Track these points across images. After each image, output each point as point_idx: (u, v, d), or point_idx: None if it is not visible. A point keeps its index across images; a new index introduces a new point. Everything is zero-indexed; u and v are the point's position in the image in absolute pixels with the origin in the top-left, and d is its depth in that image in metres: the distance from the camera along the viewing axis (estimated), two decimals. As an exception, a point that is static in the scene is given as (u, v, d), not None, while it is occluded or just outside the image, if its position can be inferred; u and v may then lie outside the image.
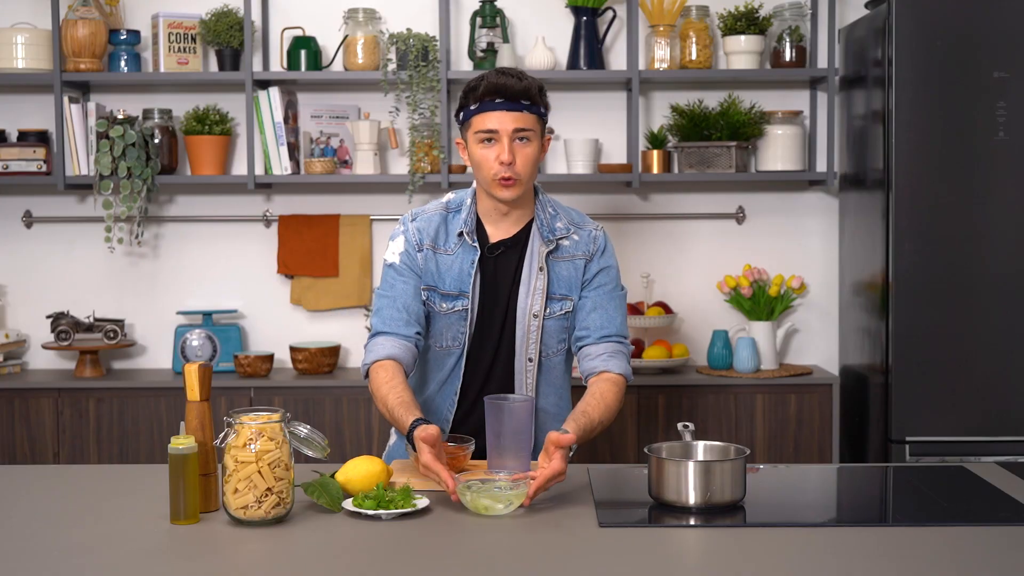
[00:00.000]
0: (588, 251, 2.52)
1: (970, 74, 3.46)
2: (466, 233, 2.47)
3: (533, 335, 2.49)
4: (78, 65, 3.86)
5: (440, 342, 2.53)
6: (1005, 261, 3.48)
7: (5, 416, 3.80)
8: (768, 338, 3.94)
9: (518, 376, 2.52)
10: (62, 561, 1.87)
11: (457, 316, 2.49)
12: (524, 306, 2.48)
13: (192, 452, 2.07)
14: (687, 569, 1.88)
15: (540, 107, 2.44)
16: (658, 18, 3.90)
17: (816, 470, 2.80)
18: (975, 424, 3.50)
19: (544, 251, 2.48)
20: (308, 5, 4.05)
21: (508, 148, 2.39)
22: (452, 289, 2.48)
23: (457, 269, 2.48)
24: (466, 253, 2.48)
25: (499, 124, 2.39)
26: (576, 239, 2.52)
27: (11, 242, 4.13)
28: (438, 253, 2.49)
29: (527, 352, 2.50)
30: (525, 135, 2.41)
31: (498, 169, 2.39)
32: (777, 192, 4.12)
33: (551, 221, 2.51)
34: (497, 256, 2.49)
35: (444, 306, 2.49)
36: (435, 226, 2.50)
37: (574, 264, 2.51)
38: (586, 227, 2.55)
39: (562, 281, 2.50)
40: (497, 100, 2.39)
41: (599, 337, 2.49)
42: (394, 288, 2.49)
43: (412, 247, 2.49)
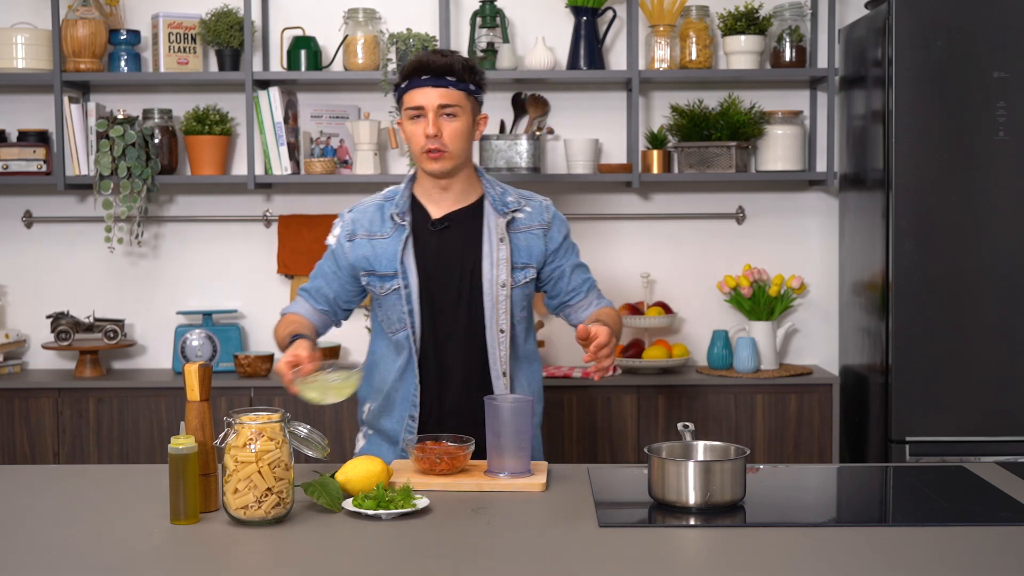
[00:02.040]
0: (543, 220, 2.63)
1: (970, 74, 3.46)
2: (395, 215, 2.58)
3: (503, 305, 2.56)
4: (78, 65, 3.86)
5: (391, 326, 2.61)
6: (1005, 261, 3.48)
7: (5, 416, 3.80)
8: (768, 338, 3.94)
9: (491, 349, 2.57)
10: (62, 561, 1.87)
11: (395, 296, 2.57)
12: (491, 277, 2.55)
13: (192, 452, 2.07)
14: (687, 569, 1.88)
15: (468, 84, 2.54)
16: (658, 18, 3.90)
17: (816, 470, 2.80)
18: (975, 424, 3.50)
19: (503, 223, 2.56)
20: (308, 5, 4.06)
21: (433, 121, 2.50)
22: (388, 270, 2.57)
23: (391, 250, 2.56)
24: (398, 234, 2.57)
25: (425, 100, 2.50)
26: (529, 211, 2.62)
27: (11, 242, 4.13)
28: (373, 239, 2.59)
29: (498, 323, 2.56)
30: (451, 110, 2.51)
31: (425, 142, 2.51)
32: (777, 192, 4.12)
33: (502, 196, 2.61)
34: (443, 232, 2.57)
35: (383, 287, 2.58)
36: (369, 216, 2.62)
37: (532, 234, 2.61)
38: (534, 199, 2.66)
39: (522, 251, 2.59)
40: (423, 77, 2.51)
41: (587, 291, 2.68)
42: (321, 269, 2.67)
43: (344, 236, 2.62)
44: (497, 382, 2.59)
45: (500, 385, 2.58)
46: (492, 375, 2.59)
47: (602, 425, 3.78)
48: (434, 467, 2.30)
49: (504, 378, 2.59)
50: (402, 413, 2.61)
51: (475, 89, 2.56)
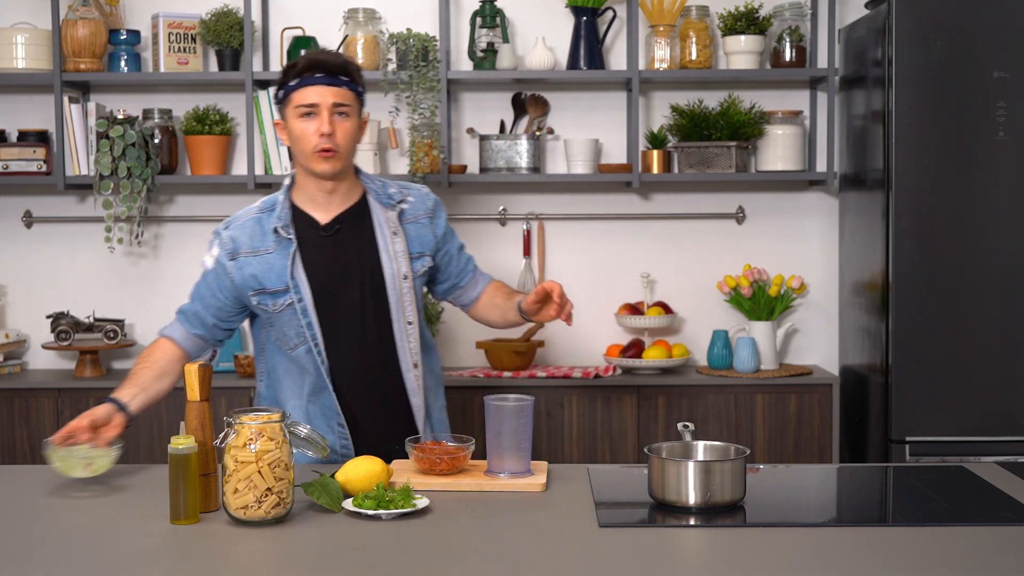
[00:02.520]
0: (428, 208, 2.63)
1: (970, 74, 3.46)
2: (280, 228, 2.51)
3: (407, 297, 2.56)
4: (78, 65, 3.86)
5: (288, 343, 2.55)
6: (1005, 261, 3.48)
7: (5, 416, 3.80)
8: (768, 338, 3.94)
9: (400, 343, 2.55)
10: (62, 561, 1.87)
11: (290, 311, 2.51)
12: (391, 271, 2.54)
13: (192, 452, 2.07)
14: (687, 569, 1.88)
15: (358, 85, 2.54)
16: (658, 18, 3.90)
17: (816, 470, 2.80)
18: (975, 424, 3.50)
19: (393, 215, 2.57)
20: (308, 5, 4.05)
21: (328, 120, 2.46)
22: (278, 286, 2.50)
23: (279, 265, 2.50)
24: (284, 248, 2.51)
25: (319, 98, 2.47)
26: (413, 200, 2.62)
27: (11, 242, 4.13)
28: (258, 255, 2.51)
29: (404, 316, 2.55)
30: (344, 110, 2.50)
31: (318, 141, 2.46)
32: (777, 192, 4.12)
33: (384, 189, 2.60)
34: (335, 235, 2.53)
35: (276, 304, 2.51)
36: (249, 231, 2.53)
37: (420, 223, 2.61)
38: (413, 188, 2.66)
39: (415, 241, 2.59)
40: (317, 75, 2.47)
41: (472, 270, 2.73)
42: (198, 292, 2.59)
43: (224, 256, 2.53)
44: (408, 375, 2.57)
45: (411, 377, 2.57)
46: (403, 368, 2.56)
47: (602, 425, 3.78)
48: (434, 467, 2.30)
49: (416, 369, 2.57)
50: (329, 423, 2.56)
51: (362, 91, 2.57)
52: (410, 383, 2.57)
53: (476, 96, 4.09)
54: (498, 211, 4.11)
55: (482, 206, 4.12)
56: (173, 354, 2.57)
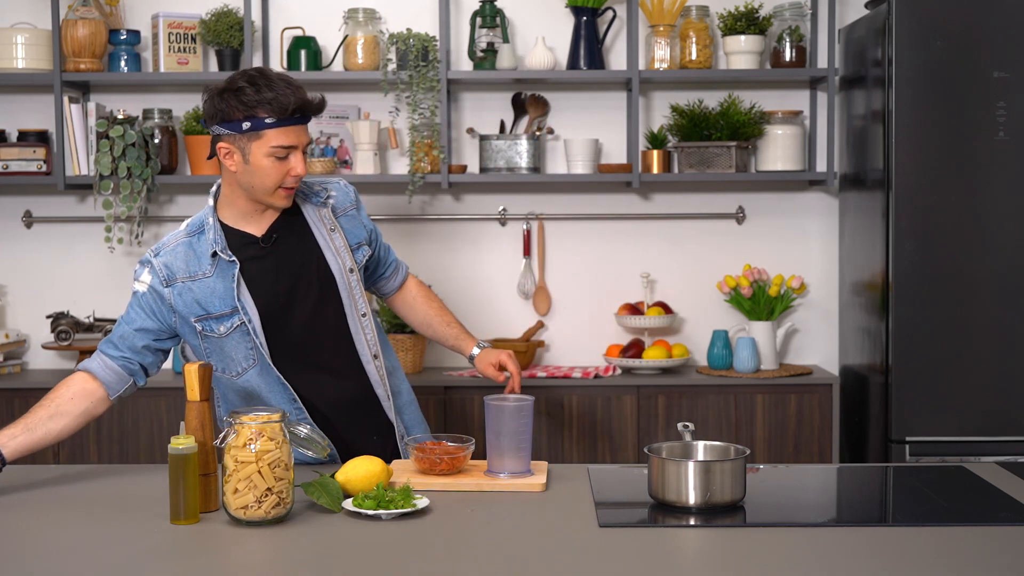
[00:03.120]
0: (352, 201, 2.64)
1: (970, 74, 3.46)
2: (219, 251, 2.43)
3: (357, 289, 2.54)
4: (78, 65, 3.86)
5: (234, 369, 2.48)
6: (1005, 261, 3.48)
7: (5, 416, 3.80)
8: (768, 338, 3.94)
9: (356, 336, 2.53)
10: (62, 561, 1.87)
11: (239, 333, 2.44)
12: (338, 267, 2.52)
13: (192, 452, 2.07)
14: (687, 569, 1.88)
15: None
16: (658, 18, 3.90)
17: (816, 470, 2.80)
18: (975, 424, 3.50)
19: (327, 212, 2.56)
20: (308, 5, 4.05)
21: (302, 160, 2.42)
22: (224, 309, 2.43)
23: (222, 288, 2.43)
24: (225, 269, 2.43)
25: (298, 139, 2.41)
26: (335, 194, 2.61)
27: (11, 242, 4.13)
28: (196, 280, 2.44)
29: (358, 308, 2.54)
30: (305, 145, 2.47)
31: (290, 180, 2.42)
32: (777, 192, 4.12)
33: (308, 189, 2.58)
34: (275, 244, 2.49)
35: (223, 328, 2.44)
36: (182, 256, 2.46)
37: (349, 215, 2.61)
38: (331, 182, 2.64)
39: (350, 233, 2.59)
40: (297, 116, 2.40)
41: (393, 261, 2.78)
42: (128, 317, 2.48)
43: (159, 283, 2.44)
44: (369, 366, 2.54)
45: (373, 369, 2.54)
46: (363, 361, 2.54)
47: (602, 425, 3.78)
48: (434, 467, 2.30)
49: (376, 360, 2.55)
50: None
51: None
52: (372, 375, 2.55)
53: (476, 96, 4.09)
54: (498, 211, 4.11)
55: (482, 206, 4.12)
56: (80, 390, 2.42)
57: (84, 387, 2.44)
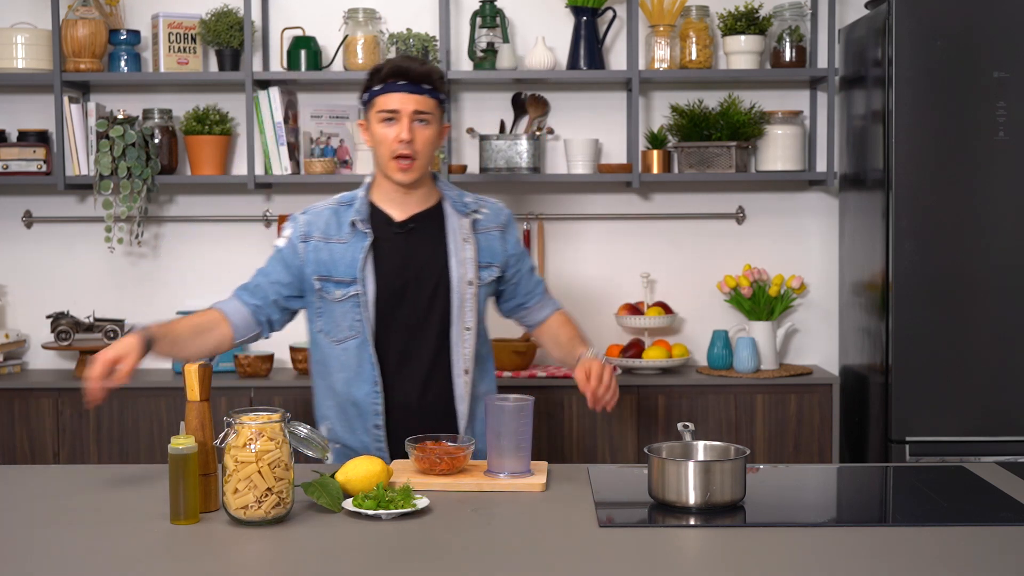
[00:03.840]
0: (500, 222, 2.67)
1: (970, 74, 3.46)
2: (358, 222, 2.56)
3: (469, 303, 2.58)
4: (78, 65, 3.86)
5: (336, 334, 2.57)
6: (1005, 261, 3.48)
7: (5, 416, 3.80)
8: (768, 338, 3.94)
9: (455, 348, 2.58)
10: (62, 561, 1.87)
11: (351, 303, 2.54)
12: (458, 275, 2.57)
13: (192, 452, 2.07)
14: (687, 569, 1.88)
15: (440, 93, 2.58)
16: (658, 18, 3.90)
17: (816, 470, 2.80)
18: (975, 424, 3.50)
19: (467, 223, 2.60)
20: (308, 5, 4.06)
21: (408, 127, 2.51)
22: (345, 276, 2.54)
23: (350, 256, 2.54)
24: (358, 240, 2.55)
25: (400, 104, 2.52)
26: (487, 212, 2.66)
27: (11, 242, 4.13)
28: (330, 243, 2.57)
29: (463, 321, 2.58)
30: (424, 117, 2.53)
31: (396, 147, 2.51)
32: (777, 192, 4.12)
33: (460, 197, 2.64)
34: (409, 233, 2.57)
35: (338, 293, 2.55)
36: (325, 219, 2.60)
37: (492, 235, 2.64)
38: (489, 201, 2.69)
39: (485, 251, 2.62)
40: (400, 82, 2.52)
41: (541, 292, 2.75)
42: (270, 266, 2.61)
43: (297, 238, 2.58)
44: (458, 380, 2.59)
45: (461, 383, 2.58)
46: (454, 372, 2.58)
47: (602, 425, 3.78)
48: (434, 467, 2.30)
49: (466, 376, 2.59)
50: (364, 424, 2.58)
51: (444, 99, 2.60)
52: (459, 389, 2.59)
53: (476, 96, 4.09)
54: (498, 211, 4.11)
55: (482, 206, 4.11)
56: (216, 318, 2.55)
57: (219, 319, 2.56)
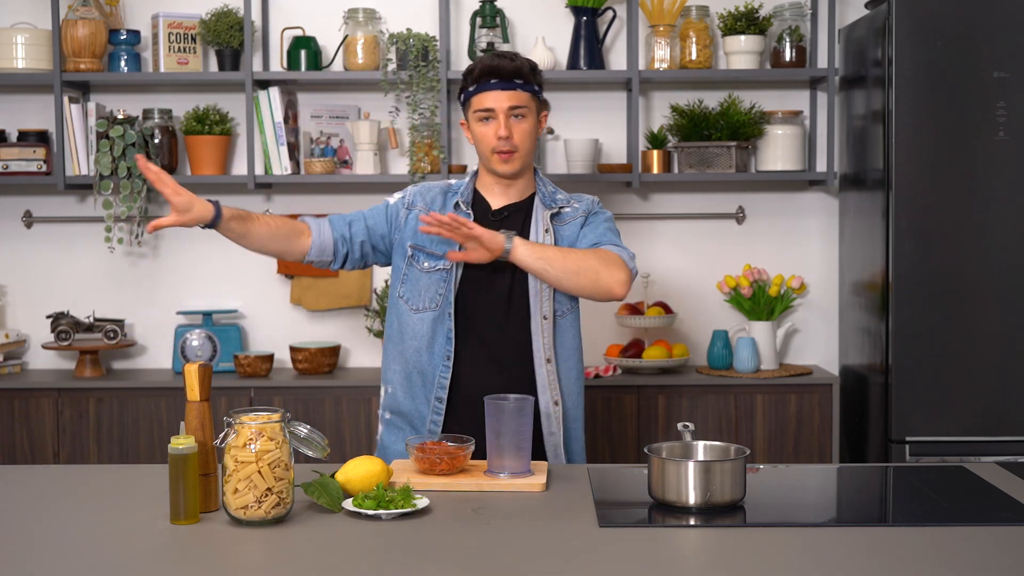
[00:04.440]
0: (584, 210, 2.70)
1: (970, 74, 3.46)
2: (462, 202, 2.65)
3: (546, 292, 2.61)
4: (78, 65, 3.86)
5: (416, 303, 2.62)
6: (1005, 261, 3.48)
7: (5, 416, 3.80)
8: (768, 338, 3.94)
9: (535, 336, 2.61)
10: (62, 561, 1.87)
11: (439, 276, 2.61)
12: None
13: (192, 452, 2.06)
14: (687, 569, 1.88)
15: (533, 85, 2.63)
16: (658, 18, 3.90)
17: (816, 470, 2.80)
18: (975, 424, 3.50)
19: (548, 215, 2.65)
20: (308, 5, 4.06)
21: (504, 124, 2.58)
22: (439, 250, 2.61)
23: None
24: None
25: (495, 103, 2.59)
26: (576, 206, 2.70)
27: (11, 242, 4.13)
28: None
29: (541, 310, 2.61)
30: (520, 112, 2.60)
31: (497, 143, 2.59)
32: (777, 192, 4.12)
33: (552, 194, 2.69)
34: (503, 221, 2.64)
35: (427, 264, 2.62)
36: (433, 195, 2.69)
37: (574, 224, 2.67)
38: (585, 198, 2.73)
39: (565, 241, 2.65)
40: (492, 81, 2.59)
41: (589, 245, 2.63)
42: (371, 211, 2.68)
43: (402, 203, 2.68)
44: (540, 369, 2.61)
45: (544, 373, 2.60)
46: (535, 362, 2.61)
47: (602, 425, 3.78)
48: (434, 467, 2.30)
49: (548, 365, 2.61)
50: (427, 395, 2.62)
51: (538, 90, 2.64)
52: (541, 378, 2.61)
53: (476, 96, 4.08)
54: (498, 211, 4.11)
55: (482, 206, 4.11)
56: (297, 229, 2.60)
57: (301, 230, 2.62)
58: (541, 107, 2.67)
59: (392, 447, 2.68)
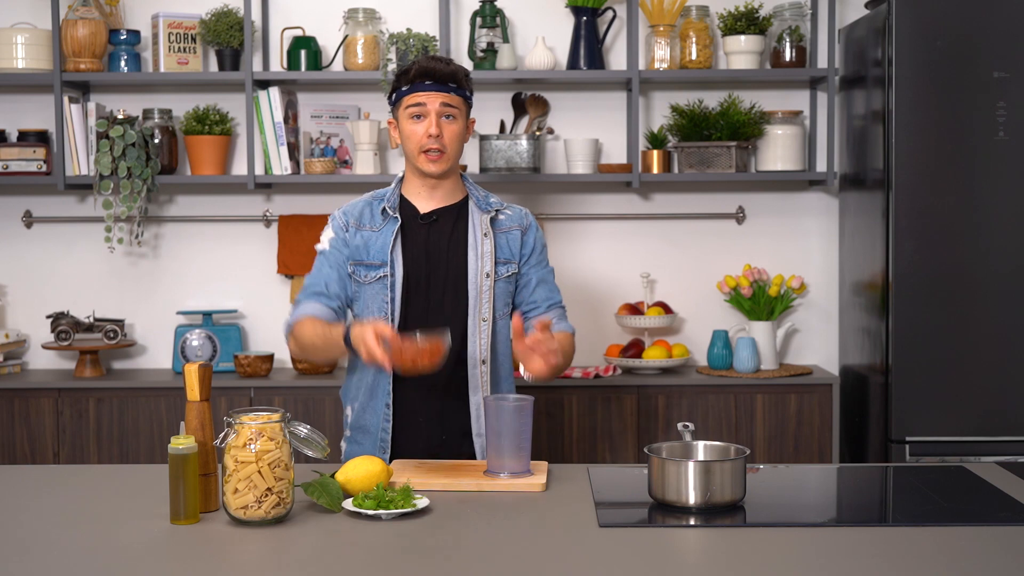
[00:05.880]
0: (522, 224, 2.73)
1: (970, 74, 3.46)
2: (388, 208, 2.66)
3: (486, 295, 2.64)
4: (78, 65, 3.86)
5: (366, 316, 2.66)
6: (1005, 261, 3.48)
7: (5, 416, 3.80)
8: (768, 338, 3.94)
9: (471, 337, 2.63)
10: (62, 561, 1.87)
11: (380, 284, 2.63)
12: (476, 268, 2.65)
13: (192, 452, 2.07)
14: (687, 569, 1.88)
15: (465, 90, 2.68)
16: (658, 18, 3.90)
17: (816, 470, 2.80)
18: (975, 424, 3.50)
19: (487, 219, 2.68)
20: (308, 5, 4.06)
21: (436, 122, 2.62)
22: (376, 259, 2.64)
23: (381, 241, 2.64)
24: (389, 225, 2.66)
25: (428, 101, 2.62)
26: (510, 213, 2.73)
27: (11, 242, 4.13)
28: (362, 231, 2.67)
29: (480, 312, 2.63)
30: (451, 112, 2.64)
31: (425, 141, 2.62)
32: (777, 192, 4.12)
33: (486, 198, 2.74)
34: (432, 225, 2.67)
35: (369, 276, 2.64)
36: (359, 210, 2.71)
37: (511, 234, 2.71)
38: (514, 207, 2.77)
39: (503, 248, 2.69)
40: (427, 82, 2.63)
41: (548, 307, 2.73)
42: (320, 271, 2.67)
43: (339, 230, 2.68)
44: (474, 371, 2.62)
45: (476, 373, 2.62)
46: (469, 363, 2.62)
47: (602, 425, 3.78)
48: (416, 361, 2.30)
49: (483, 366, 2.63)
50: (375, 404, 2.65)
51: (469, 95, 2.70)
52: (474, 379, 2.63)
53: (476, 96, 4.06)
54: (498, 211, 4.11)
55: (482, 206, 4.11)
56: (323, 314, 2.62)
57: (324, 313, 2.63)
58: (469, 112, 2.71)
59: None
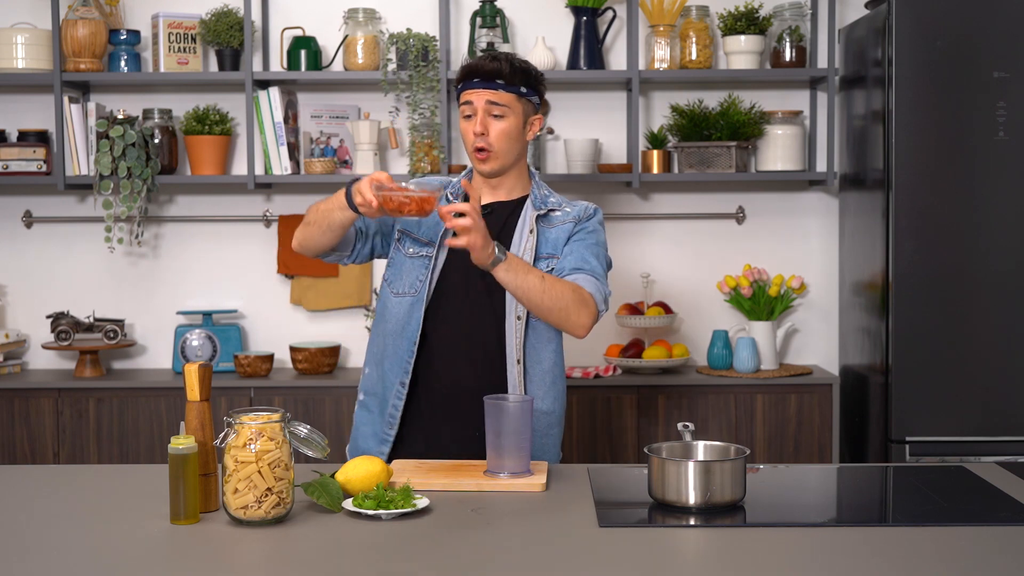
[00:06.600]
0: (575, 216, 2.66)
1: (970, 74, 3.46)
2: (450, 194, 2.66)
3: None
4: (78, 65, 3.86)
5: (397, 287, 2.65)
6: (1005, 261, 3.48)
7: (5, 416, 3.80)
8: (768, 338, 3.94)
9: (508, 335, 2.60)
10: (62, 561, 1.87)
11: (421, 261, 2.63)
12: None
13: (192, 452, 2.07)
14: (687, 569, 1.88)
15: (518, 87, 2.60)
16: (658, 18, 3.90)
17: (816, 470, 2.80)
18: (975, 424, 3.50)
19: (535, 215, 2.63)
20: (308, 5, 4.06)
21: (481, 120, 2.58)
22: (426, 237, 2.64)
23: (434, 221, 2.62)
24: None
25: (476, 99, 2.59)
26: (568, 210, 2.66)
27: (11, 242, 4.13)
28: None
29: (516, 310, 2.60)
30: (499, 111, 2.59)
31: (474, 139, 2.60)
32: (777, 192, 4.12)
33: (545, 197, 2.68)
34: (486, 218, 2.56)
35: (412, 250, 2.65)
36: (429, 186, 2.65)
37: (564, 228, 2.64)
38: (579, 204, 2.70)
39: (549, 242, 2.63)
40: (474, 80, 2.60)
41: (572, 269, 2.57)
42: None
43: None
44: (512, 369, 2.59)
45: (514, 372, 2.59)
46: (508, 362, 2.59)
47: (602, 425, 3.78)
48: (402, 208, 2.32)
49: (518, 366, 2.59)
50: (392, 380, 2.62)
51: (526, 92, 2.61)
52: (512, 378, 2.58)
53: (476, 96, 4.08)
54: (498, 211, 4.11)
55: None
56: None
57: None
58: (532, 110, 2.63)
59: (361, 428, 2.69)
